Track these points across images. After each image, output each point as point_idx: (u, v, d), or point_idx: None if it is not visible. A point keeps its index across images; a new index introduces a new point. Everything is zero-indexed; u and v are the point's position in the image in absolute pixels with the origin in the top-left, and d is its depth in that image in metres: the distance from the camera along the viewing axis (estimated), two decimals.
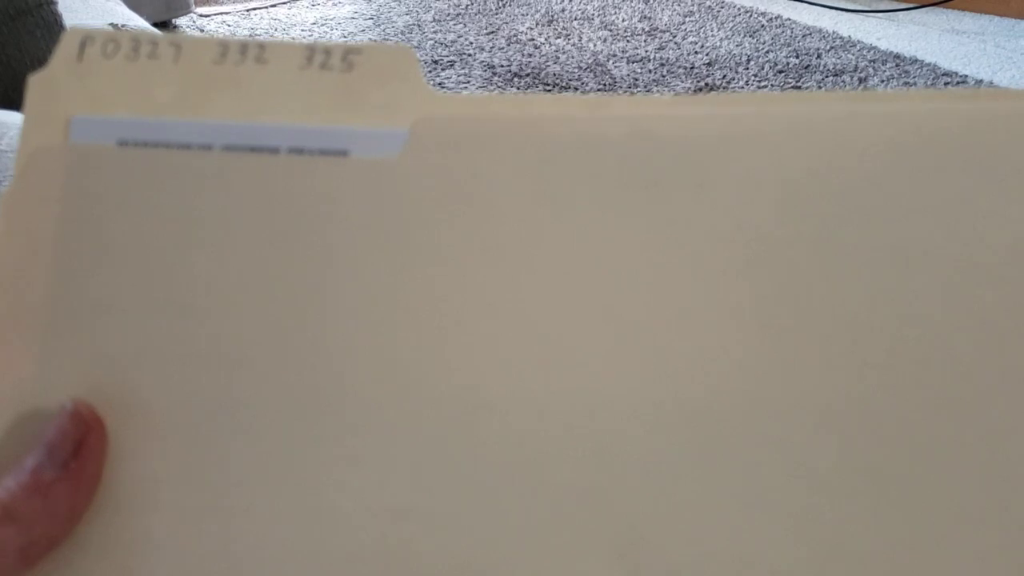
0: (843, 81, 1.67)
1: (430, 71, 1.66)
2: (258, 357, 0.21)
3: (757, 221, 0.21)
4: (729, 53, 1.79)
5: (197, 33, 1.78)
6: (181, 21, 1.81)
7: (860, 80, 1.68)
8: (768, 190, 0.21)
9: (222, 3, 1.97)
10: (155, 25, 1.33)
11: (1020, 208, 0.21)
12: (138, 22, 1.13)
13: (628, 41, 1.84)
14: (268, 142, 0.21)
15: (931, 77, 1.71)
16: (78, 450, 0.20)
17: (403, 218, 0.21)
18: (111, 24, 1.05)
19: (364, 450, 0.21)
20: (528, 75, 1.65)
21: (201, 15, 1.87)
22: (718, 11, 2.05)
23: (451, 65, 1.69)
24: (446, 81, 1.61)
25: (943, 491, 0.21)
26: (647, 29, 1.92)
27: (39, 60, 0.75)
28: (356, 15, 1.94)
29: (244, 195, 0.21)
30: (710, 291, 0.21)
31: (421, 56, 1.73)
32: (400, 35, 1.82)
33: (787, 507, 0.21)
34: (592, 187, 0.21)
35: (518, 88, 1.60)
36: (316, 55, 0.21)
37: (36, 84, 0.21)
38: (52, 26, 0.77)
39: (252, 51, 0.21)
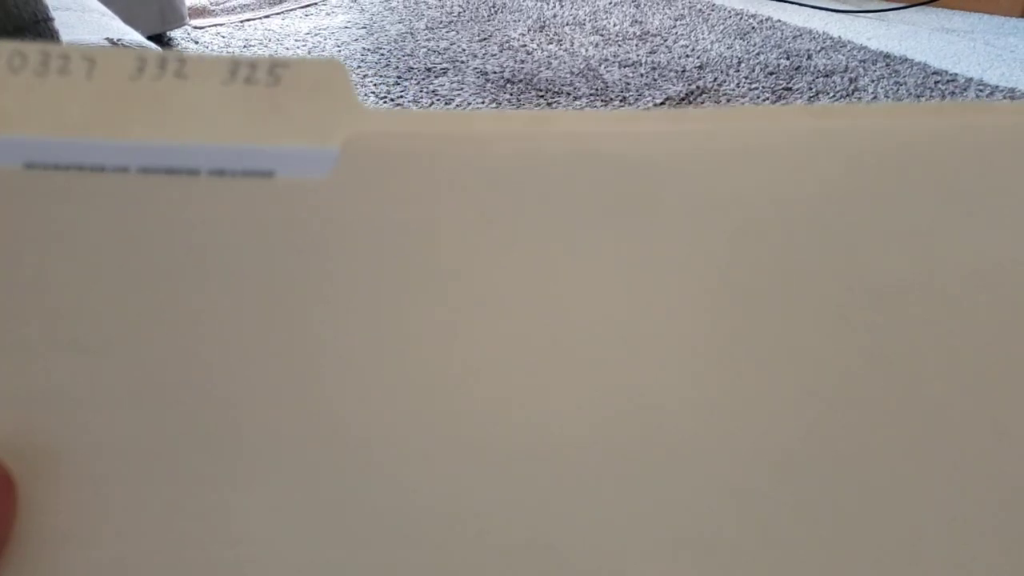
0: (833, 82, 1.69)
1: (423, 78, 1.67)
2: (174, 397, 0.20)
3: (712, 248, 0.20)
4: (720, 56, 1.81)
5: (191, 45, 1.79)
6: (176, 33, 1.82)
7: (850, 80, 1.69)
8: (724, 214, 0.20)
9: (216, 15, 1.98)
10: (150, 38, 1.34)
11: (989, 233, 0.20)
12: (134, 36, 1.14)
13: (620, 45, 1.86)
14: (188, 163, 0.19)
15: (921, 76, 1.73)
16: None
17: (334, 244, 0.20)
18: (107, 39, 1.06)
19: (283, 503, 0.20)
20: (521, 81, 1.67)
21: (195, 27, 1.88)
22: (709, 14, 2.07)
23: (444, 72, 1.70)
24: (439, 88, 1.62)
25: (911, 533, 0.21)
26: (638, 33, 1.93)
27: None
28: (349, 24, 1.95)
29: (162, 221, 0.20)
30: (662, 324, 0.20)
31: (414, 64, 1.74)
32: (393, 43, 1.84)
33: (746, 557, 0.21)
34: (536, 210, 0.20)
35: (511, 94, 1.61)
36: (240, 69, 0.19)
37: None
38: (50, 42, 0.79)
39: (171, 66, 0.19)
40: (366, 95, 1.59)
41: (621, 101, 1.58)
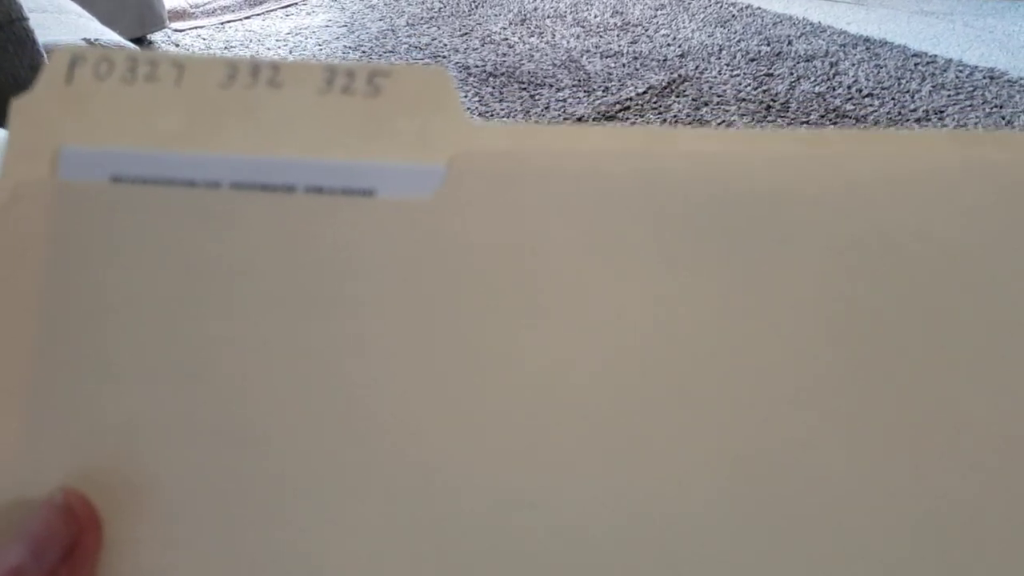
0: (814, 66, 1.69)
1: None
2: (274, 429, 0.19)
3: (848, 287, 0.18)
4: (701, 44, 1.81)
5: (172, 48, 1.79)
6: (156, 36, 1.82)
7: (831, 64, 1.70)
8: (864, 250, 0.18)
9: (196, 17, 1.98)
10: (130, 41, 1.33)
11: None
12: (112, 37, 1.13)
13: (601, 36, 1.86)
14: (283, 179, 0.18)
15: (901, 58, 1.74)
16: (69, 552, 0.17)
17: (438, 269, 0.18)
18: (84, 39, 1.05)
19: (387, 544, 0.19)
20: (503, 74, 1.67)
21: (176, 30, 1.88)
22: (689, 3, 2.07)
23: None
24: None
25: None
26: (619, 24, 1.93)
27: (11, 75, 0.75)
28: (330, 23, 1.95)
29: (256, 241, 0.18)
30: (788, 368, 0.18)
31: (396, 60, 1.74)
32: (374, 40, 1.84)
33: None
34: (655, 236, 0.18)
35: (494, 87, 1.61)
36: (337, 77, 0.18)
37: (20, 110, 0.18)
38: (24, 42, 0.78)
39: (264, 73, 0.18)
40: None
41: (604, 91, 1.59)
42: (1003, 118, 1.48)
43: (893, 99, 1.56)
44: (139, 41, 1.72)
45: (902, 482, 0.18)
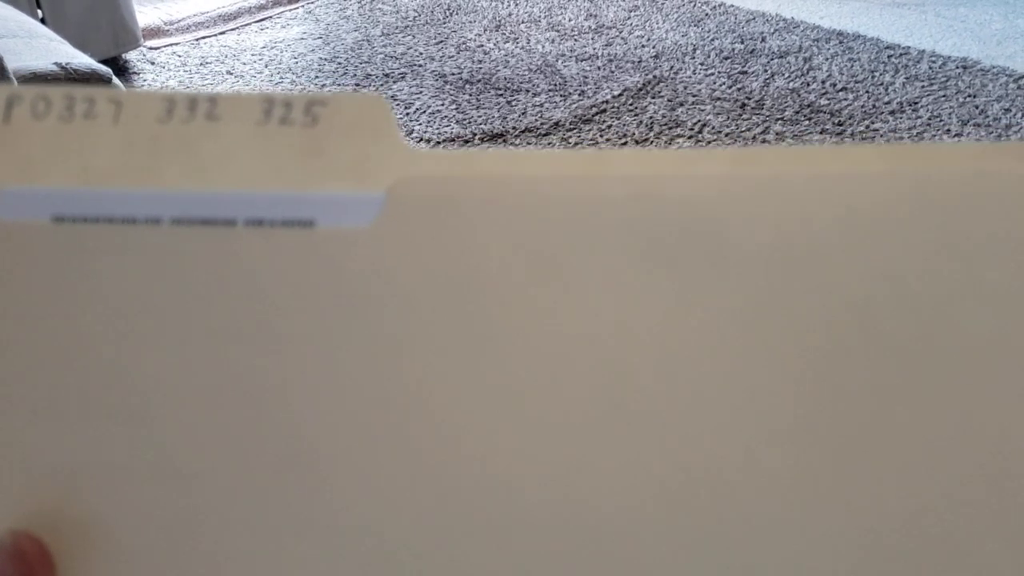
0: (788, 62, 1.70)
1: (382, 84, 1.67)
2: (219, 465, 0.19)
3: (789, 304, 0.18)
4: (675, 44, 1.82)
5: (148, 67, 1.78)
6: (131, 55, 1.81)
7: (805, 60, 1.71)
8: (802, 267, 0.18)
9: (171, 35, 1.97)
10: (104, 62, 1.33)
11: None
12: (84, 60, 1.13)
13: (576, 40, 1.87)
14: (223, 213, 0.18)
15: (874, 51, 1.75)
16: None
17: (380, 297, 0.18)
18: (55, 64, 1.05)
19: (336, 571, 0.20)
20: (479, 81, 1.67)
21: (151, 48, 1.87)
22: (662, 3, 2.08)
23: (402, 77, 1.70)
24: (398, 93, 1.62)
25: None
26: (593, 27, 1.94)
27: None
28: (305, 35, 1.95)
29: (198, 277, 0.18)
30: (733, 388, 0.19)
31: (372, 70, 1.74)
32: (350, 51, 1.84)
33: None
34: (596, 259, 0.18)
35: (470, 95, 1.61)
36: (275, 108, 0.18)
37: None
38: None
39: (202, 106, 0.18)
40: None
41: (580, 95, 1.59)
42: (976, 107, 1.49)
43: (867, 92, 1.57)
44: (114, 61, 1.72)
45: (860, 491, 0.19)
